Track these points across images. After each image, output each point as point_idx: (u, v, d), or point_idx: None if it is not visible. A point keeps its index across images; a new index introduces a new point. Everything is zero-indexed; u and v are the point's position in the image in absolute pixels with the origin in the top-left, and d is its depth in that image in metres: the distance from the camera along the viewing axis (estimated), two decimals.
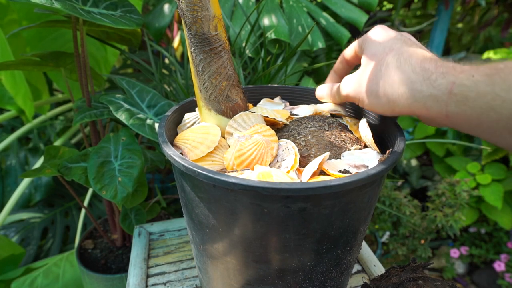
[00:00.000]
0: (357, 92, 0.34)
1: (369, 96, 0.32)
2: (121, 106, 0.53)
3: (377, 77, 0.32)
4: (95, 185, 0.49)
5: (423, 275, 0.38)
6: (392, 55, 0.31)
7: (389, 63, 0.31)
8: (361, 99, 0.34)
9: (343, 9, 0.79)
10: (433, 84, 0.28)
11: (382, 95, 0.31)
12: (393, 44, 0.32)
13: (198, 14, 0.33)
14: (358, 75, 0.34)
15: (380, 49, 0.33)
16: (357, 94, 0.34)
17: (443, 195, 0.99)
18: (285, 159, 0.34)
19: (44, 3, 0.44)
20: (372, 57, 0.33)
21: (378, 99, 0.32)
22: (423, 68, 0.29)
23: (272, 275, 0.33)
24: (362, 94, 0.33)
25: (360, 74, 0.34)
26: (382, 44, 0.33)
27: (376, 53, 0.33)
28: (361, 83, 0.33)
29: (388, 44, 0.32)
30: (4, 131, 1.10)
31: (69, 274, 0.78)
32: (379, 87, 0.31)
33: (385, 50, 0.32)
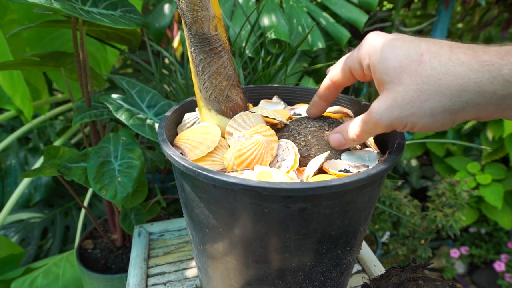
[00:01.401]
0: (402, 118, 0.27)
1: (422, 117, 0.26)
2: (121, 106, 0.53)
3: (425, 93, 0.26)
4: (95, 185, 0.49)
5: (423, 275, 0.38)
6: (427, 60, 0.26)
7: (431, 71, 0.25)
8: (411, 123, 0.27)
9: (343, 9, 0.79)
10: (510, 80, 0.23)
11: (440, 111, 0.26)
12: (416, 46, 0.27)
13: (198, 14, 0.33)
14: (392, 98, 0.27)
15: (403, 59, 0.27)
16: (403, 120, 0.27)
17: (443, 195, 0.99)
18: (285, 159, 0.34)
19: (43, 3, 0.44)
20: (399, 72, 0.27)
21: (435, 117, 0.26)
22: (483, 63, 0.24)
23: (272, 275, 0.33)
24: (410, 118, 0.27)
25: (394, 96, 0.27)
26: (402, 52, 0.27)
27: (401, 65, 0.27)
28: (403, 106, 0.27)
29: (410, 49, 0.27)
30: (4, 131, 1.10)
31: (69, 274, 0.78)
32: (432, 103, 0.26)
33: (412, 57, 0.26)
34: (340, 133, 0.33)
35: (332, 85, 0.35)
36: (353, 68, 0.31)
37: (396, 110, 0.27)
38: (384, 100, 0.28)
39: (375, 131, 0.30)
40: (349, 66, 0.32)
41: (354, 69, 0.31)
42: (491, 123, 1.15)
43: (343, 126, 0.34)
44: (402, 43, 0.27)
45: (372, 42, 0.29)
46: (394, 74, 0.27)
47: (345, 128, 0.33)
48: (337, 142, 0.34)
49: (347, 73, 0.33)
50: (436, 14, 1.33)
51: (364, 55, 0.30)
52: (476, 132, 1.29)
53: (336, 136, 0.34)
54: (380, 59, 0.28)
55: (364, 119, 0.30)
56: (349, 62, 0.32)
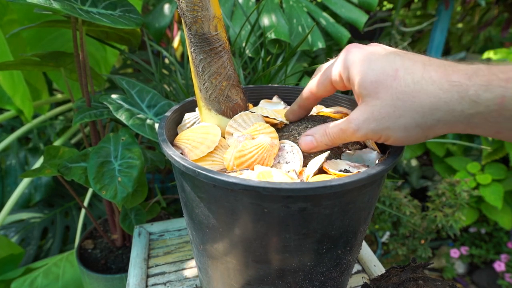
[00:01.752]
0: (377, 131, 0.28)
1: (396, 131, 0.28)
2: (121, 106, 0.53)
3: (399, 109, 0.27)
4: (95, 185, 0.49)
5: (423, 275, 0.38)
6: (402, 76, 0.27)
7: (405, 88, 0.26)
8: (386, 136, 0.29)
9: (343, 9, 0.79)
10: (476, 100, 0.24)
11: (413, 127, 0.27)
12: (391, 61, 0.28)
13: (198, 14, 0.33)
14: (370, 112, 0.28)
15: (379, 74, 0.28)
16: (378, 132, 0.29)
17: (443, 195, 0.99)
18: (289, 162, 0.34)
19: (43, 3, 0.44)
20: (376, 86, 0.28)
21: (408, 132, 0.27)
22: (452, 83, 0.25)
23: (272, 275, 0.33)
24: (385, 132, 0.28)
25: (371, 110, 0.28)
26: (378, 66, 0.28)
27: (378, 80, 0.28)
28: (379, 120, 0.28)
29: (385, 64, 0.28)
30: (4, 131, 1.10)
31: (69, 274, 0.78)
32: (406, 119, 0.27)
33: (388, 71, 0.27)
34: (313, 136, 0.34)
35: (312, 97, 0.36)
36: (334, 81, 0.32)
37: (372, 123, 0.28)
38: (362, 112, 0.29)
39: (350, 139, 0.32)
40: (329, 78, 0.33)
41: (334, 81, 0.32)
42: None
43: (316, 130, 0.34)
44: (378, 57, 0.28)
45: (351, 55, 0.30)
46: (371, 88, 0.28)
47: (319, 131, 0.33)
48: (308, 145, 0.34)
49: (327, 85, 0.33)
50: (436, 14, 1.33)
51: (343, 68, 0.30)
52: None
53: (308, 139, 0.34)
54: (358, 73, 0.29)
55: (341, 127, 0.31)
56: (329, 75, 0.32)
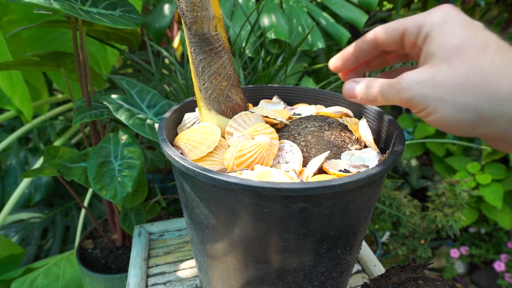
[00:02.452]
0: (428, 99, 0.24)
1: (448, 107, 0.24)
2: (121, 106, 0.53)
3: (468, 84, 0.23)
4: (95, 185, 0.49)
5: (423, 275, 0.38)
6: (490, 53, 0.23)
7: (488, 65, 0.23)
8: (432, 109, 0.24)
9: (343, 9, 0.79)
10: None
11: (471, 109, 0.23)
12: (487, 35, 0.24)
13: (198, 14, 0.33)
14: (432, 74, 0.24)
15: (466, 40, 0.24)
16: (428, 101, 0.24)
17: (443, 195, 0.99)
18: (289, 162, 0.34)
19: (43, 3, 0.44)
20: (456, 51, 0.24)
21: (462, 114, 0.24)
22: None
23: (272, 275, 0.33)
24: (436, 103, 0.24)
25: (434, 73, 0.24)
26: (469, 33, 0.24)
27: (462, 45, 0.24)
28: (438, 88, 0.24)
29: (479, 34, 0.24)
30: (4, 131, 1.10)
31: (69, 274, 0.78)
32: (469, 98, 0.23)
33: (478, 42, 0.24)
34: (357, 83, 0.30)
35: (373, 42, 0.30)
36: (408, 31, 0.27)
37: (427, 88, 0.24)
38: (421, 73, 0.25)
39: (393, 99, 0.27)
40: (405, 26, 0.28)
41: (409, 32, 0.27)
42: None
43: (362, 79, 0.30)
44: (475, 26, 0.25)
45: (442, 13, 0.26)
46: (448, 51, 0.24)
47: (364, 81, 0.30)
48: (348, 91, 0.31)
49: (398, 34, 0.28)
50: None
51: (429, 22, 0.26)
52: None
53: (350, 85, 0.31)
54: (442, 31, 0.25)
55: (390, 82, 0.27)
56: (407, 23, 0.28)
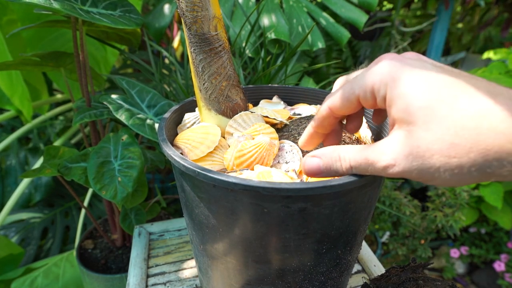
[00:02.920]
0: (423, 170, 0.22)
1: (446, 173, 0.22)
2: (121, 106, 0.53)
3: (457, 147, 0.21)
4: (95, 185, 0.49)
5: (423, 275, 0.38)
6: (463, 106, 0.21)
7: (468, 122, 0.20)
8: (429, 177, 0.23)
9: (343, 9, 0.79)
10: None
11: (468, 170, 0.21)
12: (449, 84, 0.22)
13: (198, 14, 0.33)
14: (415, 146, 0.22)
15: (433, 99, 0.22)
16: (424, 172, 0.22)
17: (443, 195, 0.99)
18: (289, 162, 0.34)
19: (43, 3, 0.44)
20: (427, 114, 0.22)
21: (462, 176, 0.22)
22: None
23: (272, 275, 0.33)
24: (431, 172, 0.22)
25: (417, 144, 0.22)
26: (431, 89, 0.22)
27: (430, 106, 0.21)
28: (427, 158, 0.22)
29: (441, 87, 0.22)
30: (4, 131, 1.10)
31: (69, 274, 0.78)
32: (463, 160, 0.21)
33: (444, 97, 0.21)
34: (320, 158, 0.27)
35: (331, 115, 0.29)
36: (362, 98, 0.26)
37: (416, 160, 0.22)
38: (402, 145, 0.23)
39: (373, 173, 0.25)
40: (356, 94, 0.26)
41: (363, 98, 0.26)
42: None
43: (326, 151, 0.27)
44: (430, 76, 0.22)
45: (390, 68, 0.24)
46: (418, 115, 0.22)
47: (330, 154, 0.27)
48: (312, 169, 0.27)
49: (352, 102, 0.26)
50: (436, 14, 1.33)
51: (378, 84, 0.24)
52: None
53: (312, 162, 0.28)
54: (402, 94, 0.23)
55: (367, 156, 0.25)
56: (356, 90, 0.26)
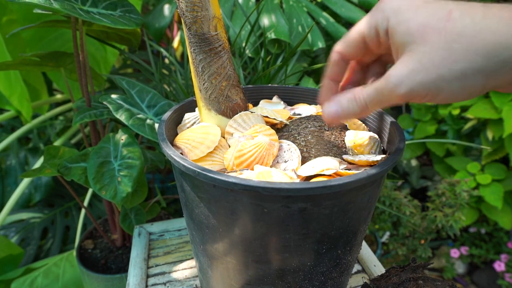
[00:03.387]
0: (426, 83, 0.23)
1: (451, 81, 0.23)
2: (121, 106, 0.53)
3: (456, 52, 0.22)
4: (94, 185, 0.49)
5: (423, 275, 0.38)
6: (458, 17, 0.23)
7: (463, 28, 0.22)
8: (436, 89, 0.24)
9: (343, 8, 0.79)
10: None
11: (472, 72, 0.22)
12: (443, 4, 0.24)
13: (198, 14, 0.33)
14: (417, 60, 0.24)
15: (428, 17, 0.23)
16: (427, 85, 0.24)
17: (443, 195, 0.99)
18: (287, 161, 0.34)
19: (43, 3, 0.44)
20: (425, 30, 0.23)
21: (466, 81, 0.23)
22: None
23: (272, 275, 0.33)
24: (437, 83, 0.23)
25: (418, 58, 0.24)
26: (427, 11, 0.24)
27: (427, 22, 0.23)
28: (429, 68, 0.23)
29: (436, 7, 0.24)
30: (4, 131, 1.10)
31: (69, 274, 0.78)
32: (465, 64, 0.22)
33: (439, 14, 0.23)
34: (338, 103, 0.28)
35: (341, 59, 0.30)
36: (368, 35, 0.27)
37: (420, 74, 0.23)
38: (405, 64, 0.24)
39: (387, 101, 0.26)
40: (362, 33, 0.27)
41: (368, 36, 0.27)
42: (491, 123, 1.15)
43: (342, 96, 0.28)
44: (425, 3, 0.24)
45: (390, 4, 0.25)
46: (418, 33, 0.24)
47: (346, 97, 0.28)
48: (332, 115, 0.29)
49: (359, 42, 0.28)
50: None
51: (381, 18, 0.26)
52: (476, 132, 1.29)
53: (331, 109, 0.29)
54: (400, 20, 0.24)
55: (377, 87, 0.26)
56: (362, 29, 0.27)
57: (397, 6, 0.25)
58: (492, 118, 1.12)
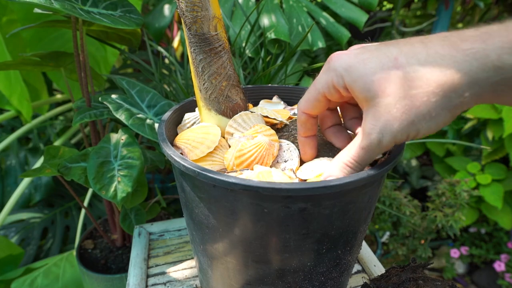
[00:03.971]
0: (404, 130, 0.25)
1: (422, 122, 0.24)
2: (121, 106, 0.53)
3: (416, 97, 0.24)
4: (94, 185, 0.49)
5: (423, 275, 0.38)
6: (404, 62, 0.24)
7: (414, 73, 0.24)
8: (414, 131, 0.25)
9: (343, 8, 0.79)
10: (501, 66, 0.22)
11: (438, 111, 0.24)
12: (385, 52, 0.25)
13: (198, 14, 0.33)
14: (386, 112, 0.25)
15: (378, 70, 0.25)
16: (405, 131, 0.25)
17: (443, 195, 0.99)
18: (287, 161, 0.34)
19: (43, 3, 0.44)
20: (380, 83, 0.25)
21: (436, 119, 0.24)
22: (465, 51, 0.23)
23: (272, 275, 0.33)
24: (412, 127, 0.25)
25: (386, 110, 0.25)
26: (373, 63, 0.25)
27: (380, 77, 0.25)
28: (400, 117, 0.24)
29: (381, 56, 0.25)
30: (4, 131, 1.10)
31: (69, 274, 0.78)
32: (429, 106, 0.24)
33: (387, 64, 0.25)
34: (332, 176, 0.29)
35: (308, 119, 0.32)
36: (329, 93, 0.28)
37: (394, 123, 0.25)
38: (377, 117, 0.25)
39: (375, 155, 0.27)
40: (322, 93, 0.29)
41: (329, 94, 0.28)
42: (491, 123, 1.15)
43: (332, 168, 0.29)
44: (370, 55, 0.25)
45: (339, 61, 0.27)
46: (375, 88, 0.25)
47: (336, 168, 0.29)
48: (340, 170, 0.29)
49: (321, 100, 0.29)
50: (436, 14, 1.33)
51: (335, 77, 0.27)
52: (476, 132, 1.29)
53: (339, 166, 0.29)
54: (354, 78, 0.26)
55: (361, 146, 0.27)
56: (321, 89, 0.29)
57: (347, 64, 0.26)
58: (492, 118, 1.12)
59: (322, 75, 0.29)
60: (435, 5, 1.44)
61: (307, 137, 0.33)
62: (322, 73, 0.29)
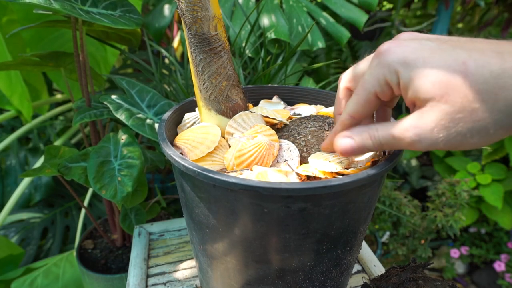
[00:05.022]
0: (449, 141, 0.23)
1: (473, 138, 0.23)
2: (121, 105, 0.53)
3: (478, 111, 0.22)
4: (94, 184, 0.49)
5: (423, 275, 0.38)
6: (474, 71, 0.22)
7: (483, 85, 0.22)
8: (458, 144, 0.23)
9: (343, 9, 0.79)
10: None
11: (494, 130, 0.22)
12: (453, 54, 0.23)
13: (198, 14, 0.33)
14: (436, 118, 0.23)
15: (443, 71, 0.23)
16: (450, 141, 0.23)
17: (443, 195, 0.99)
18: (287, 160, 0.34)
19: (43, 3, 0.44)
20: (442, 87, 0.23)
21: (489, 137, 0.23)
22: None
23: (272, 275, 0.33)
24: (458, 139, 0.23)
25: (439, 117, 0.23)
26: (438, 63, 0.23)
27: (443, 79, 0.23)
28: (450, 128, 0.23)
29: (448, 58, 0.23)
30: (4, 131, 1.10)
31: (69, 274, 0.78)
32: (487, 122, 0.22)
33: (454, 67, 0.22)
34: (352, 138, 0.28)
35: (354, 121, 0.29)
36: (381, 92, 0.26)
37: (441, 132, 0.23)
38: (425, 120, 0.24)
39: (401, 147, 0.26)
40: (374, 92, 0.26)
41: (382, 93, 0.26)
42: None
43: (356, 131, 0.28)
44: (432, 53, 0.23)
45: (393, 55, 0.24)
46: (435, 90, 0.23)
47: (361, 134, 0.28)
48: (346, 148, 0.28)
49: (372, 101, 0.27)
50: (436, 14, 1.33)
51: (389, 73, 0.25)
52: None
53: (345, 142, 0.28)
54: (413, 77, 0.24)
55: (394, 134, 0.25)
56: (372, 89, 0.26)
57: (402, 59, 0.24)
58: None
59: (372, 72, 0.26)
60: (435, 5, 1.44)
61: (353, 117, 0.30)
62: (372, 69, 0.26)
